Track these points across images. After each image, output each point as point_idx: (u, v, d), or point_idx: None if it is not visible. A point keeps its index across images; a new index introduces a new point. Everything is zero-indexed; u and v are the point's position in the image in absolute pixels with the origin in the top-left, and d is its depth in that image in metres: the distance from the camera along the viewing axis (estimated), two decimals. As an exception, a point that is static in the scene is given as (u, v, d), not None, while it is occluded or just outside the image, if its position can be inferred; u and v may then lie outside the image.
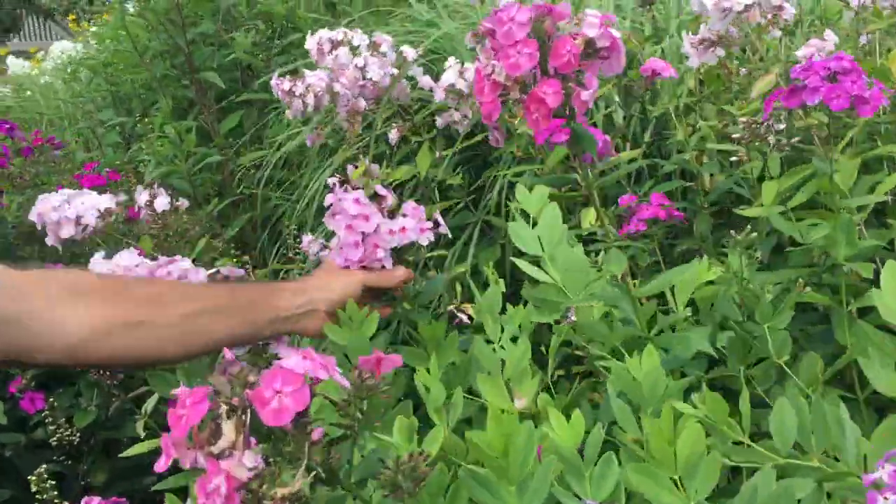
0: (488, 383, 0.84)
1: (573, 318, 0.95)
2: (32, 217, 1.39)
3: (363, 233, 0.97)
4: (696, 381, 0.86)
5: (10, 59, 4.24)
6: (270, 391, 0.52)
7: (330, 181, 1.09)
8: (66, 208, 1.42)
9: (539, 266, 0.89)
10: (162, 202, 1.65)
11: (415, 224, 0.99)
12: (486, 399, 0.83)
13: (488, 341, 0.90)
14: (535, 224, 0.91)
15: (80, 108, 2.77)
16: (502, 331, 0.91)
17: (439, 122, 1.46)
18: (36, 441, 1.19)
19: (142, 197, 1.66)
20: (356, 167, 1.13)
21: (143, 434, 1.02)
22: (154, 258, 1.41)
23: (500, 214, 1.49)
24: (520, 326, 0.92)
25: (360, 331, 0.90)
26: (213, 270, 1.09)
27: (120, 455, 1.03)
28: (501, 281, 0.99)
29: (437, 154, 1.43)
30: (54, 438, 1.17)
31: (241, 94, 2.25)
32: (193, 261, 1.69)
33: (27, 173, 1.83)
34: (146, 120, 2.22)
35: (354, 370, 0.59)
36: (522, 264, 0.89)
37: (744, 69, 1.30)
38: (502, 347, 0.88)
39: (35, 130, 2.22)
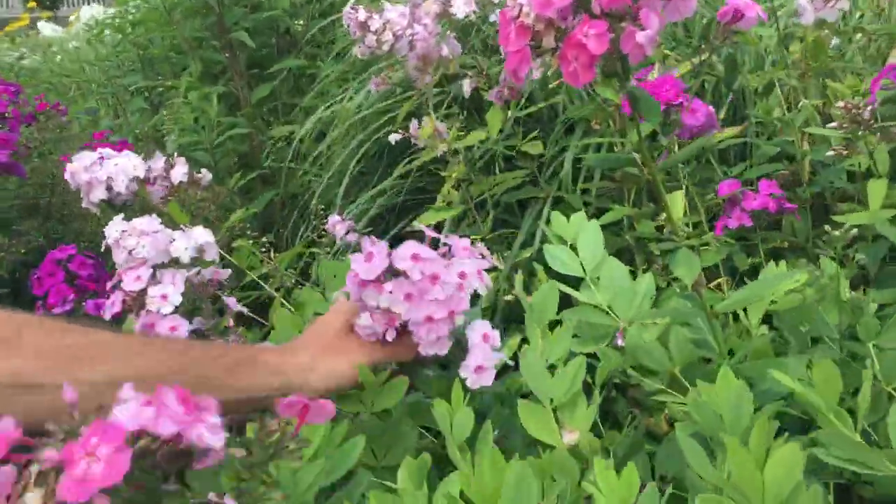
0: (532, 412, 0.69)
1: (620, 342, 0.79)
2: (67, 177, 1.28)
3: (410, 294, 0.74)
4: (776, 411, 0.70)
5: (41, 24, 4.11)
6: (80, 451, 0.36)
7: (392, 138, 0.91)
8: (97, 169, 1.30)
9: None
10: (179, 172, 1.49)
11: (474, 268, 0.76)
12: (529, 431, 0.69)
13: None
14: (573, 248, 0.83)
15: (105, 72, 2.62)
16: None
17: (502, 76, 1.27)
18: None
19: (156, 165, 1.50)
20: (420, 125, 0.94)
21: None
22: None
23: (573, 190, 1.30)
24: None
25: (379, 402, 0.76)
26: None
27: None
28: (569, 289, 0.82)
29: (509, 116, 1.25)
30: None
31: (276, 62, 2.09)
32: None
33: (34, 141, 1.68)
34: (171, 84, 2.06)
35: (259, 420, 0.44)
36: (564, 288, 0.79)
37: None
38: (552, 367, 0.73)
39: (39, 94, 2.07)
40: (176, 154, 1.53)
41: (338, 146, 1.81)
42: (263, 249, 1.53)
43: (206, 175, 1.53)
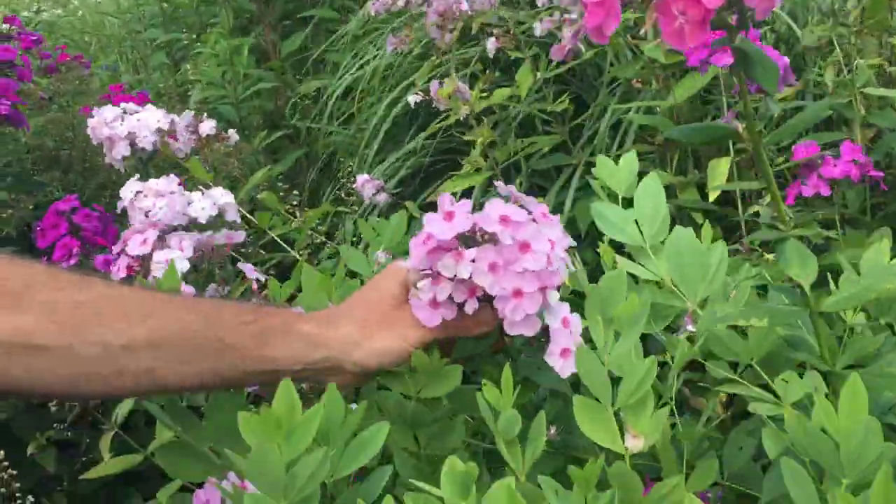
0: (589, 411, 0.58)
1: (690, 327, 0.70)
2: (88, 132, 1.23)
3: (495, 263, 0.63)
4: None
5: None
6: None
7: (412, 99, 0.83)
8: (119, 125, 1.23)
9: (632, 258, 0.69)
10: (207, 126, 1.44)
11: (562, 240, 0.66)
12: (585, 433, 0.58)
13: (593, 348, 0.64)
14: (627, 204, 0.71)
15: (126, 25, 2.56)
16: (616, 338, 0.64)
17: (538, 28, 1.20)
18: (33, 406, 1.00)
19: (183, 120, 1.45)
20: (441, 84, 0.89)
21: (107, 455, 0.79)
22: (204, 187, 1.22)
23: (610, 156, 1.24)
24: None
25: (428, 389, 0.68)
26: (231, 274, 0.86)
27: (81, 477, 0.82)
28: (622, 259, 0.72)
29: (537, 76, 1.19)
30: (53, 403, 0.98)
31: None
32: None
33: (53, 92, 1.63)
34: (198, 37, 2.00)
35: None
36: (617, 257, 0.69)
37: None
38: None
39: (61, 45, 2.02)
40: (200, 109, 1.48)
41: (366, 105, 1.76)
42: (289, 207, 1.49)
43: (233, 135, 1.49)
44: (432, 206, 0.89)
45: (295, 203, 1.51)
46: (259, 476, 0.53)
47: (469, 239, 0.63)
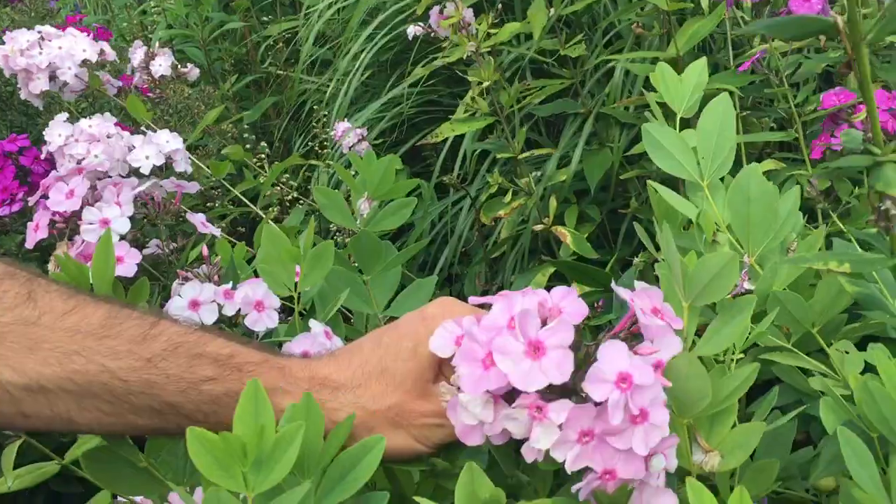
0: None
1: (746, 285, 0.58)
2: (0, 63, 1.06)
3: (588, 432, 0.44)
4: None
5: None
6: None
7: (410, 31, 0.67)
8: (37, 53, 1.05)
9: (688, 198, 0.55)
10: (162, 64, 1.29)
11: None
12: None
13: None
14: (685, 126, 0.57)
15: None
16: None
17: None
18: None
19: (136, 56, 1.30)
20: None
21: (9, 473, 0.65)
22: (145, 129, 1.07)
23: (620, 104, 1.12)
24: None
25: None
26: (228, 287, 0.70)
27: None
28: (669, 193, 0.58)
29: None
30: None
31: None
32: (194, 149, 1.36)
33: (10, 22, 1.47)
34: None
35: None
36: (666, 193, 0.55)
37: None
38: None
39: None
40: (158, 45, 1.33)
41: (343, 50, 1.61)
42: (257, 160, 1.35)
43: (192, 69, 1.34)
44: (415, 157, 0.75)
45: (263, 155, 1.37)
46: None
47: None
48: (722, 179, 0.54)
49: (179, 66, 1.32)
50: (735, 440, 0.44)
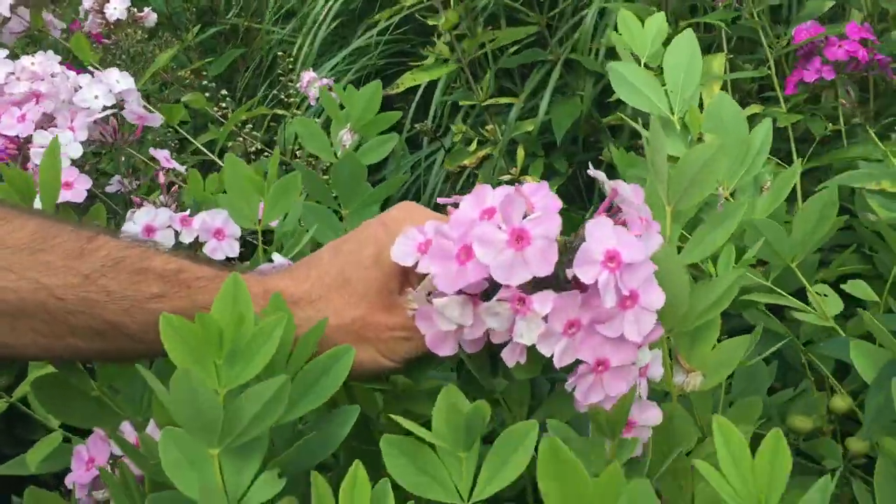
0: None
1: None
2: None
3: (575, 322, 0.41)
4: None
5: None
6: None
7: None
8: None
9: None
10: (118, 7, 1.23)
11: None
12: None
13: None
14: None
15: None
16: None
17: None
18: None
19: (88, -1, 1.24)
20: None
21: None
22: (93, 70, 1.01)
23: (588, 52, 1.08)
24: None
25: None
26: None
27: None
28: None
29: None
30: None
31: None
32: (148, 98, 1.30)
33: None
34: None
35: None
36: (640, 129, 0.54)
37: None
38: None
39: None
40: None
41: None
42: (218, 109, 1.30)
43: (149, 14, 1.28)
44: (386, 110, 0.71)
45: (225, 104, 1.31)
46: (184, 408, 0.37)
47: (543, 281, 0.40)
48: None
49: (136, 11, 1.26)
50: (717, 358, 0.43)
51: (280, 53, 1.42)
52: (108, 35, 1.24)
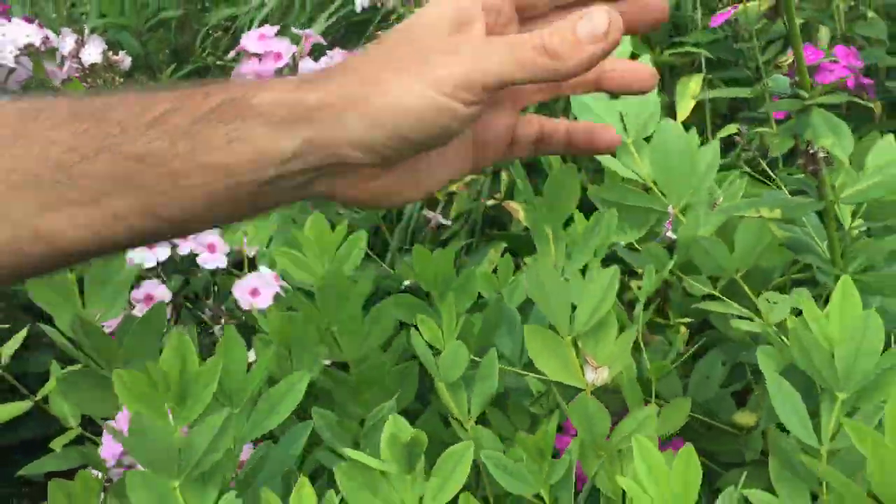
0: (542, 341, 0.52)
1: (670, 234, 0.64)
2: None
3: None
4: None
5: None
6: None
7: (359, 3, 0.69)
8: None
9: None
10: (92, 52, 1.24)
11: None
12: (539, 366, 0.53)
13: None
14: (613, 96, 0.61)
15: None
16: (569, 257, 0.60)
17: None
18: None
19: (66, 43, 1.24)
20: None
21: None
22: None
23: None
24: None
25: (337, 261, 0.62)
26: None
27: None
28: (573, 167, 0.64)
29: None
30: None
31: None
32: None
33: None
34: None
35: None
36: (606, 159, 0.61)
37: None
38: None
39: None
40: (88, 32, 1.28)
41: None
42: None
43: (124, 58, 1.28)
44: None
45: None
46: (142, 451, 0.44)
47: None
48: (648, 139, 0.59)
49: (111, 54, 1.27)
50: (614, 352, 0.51)
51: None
52: (85, 79, 1.25)
